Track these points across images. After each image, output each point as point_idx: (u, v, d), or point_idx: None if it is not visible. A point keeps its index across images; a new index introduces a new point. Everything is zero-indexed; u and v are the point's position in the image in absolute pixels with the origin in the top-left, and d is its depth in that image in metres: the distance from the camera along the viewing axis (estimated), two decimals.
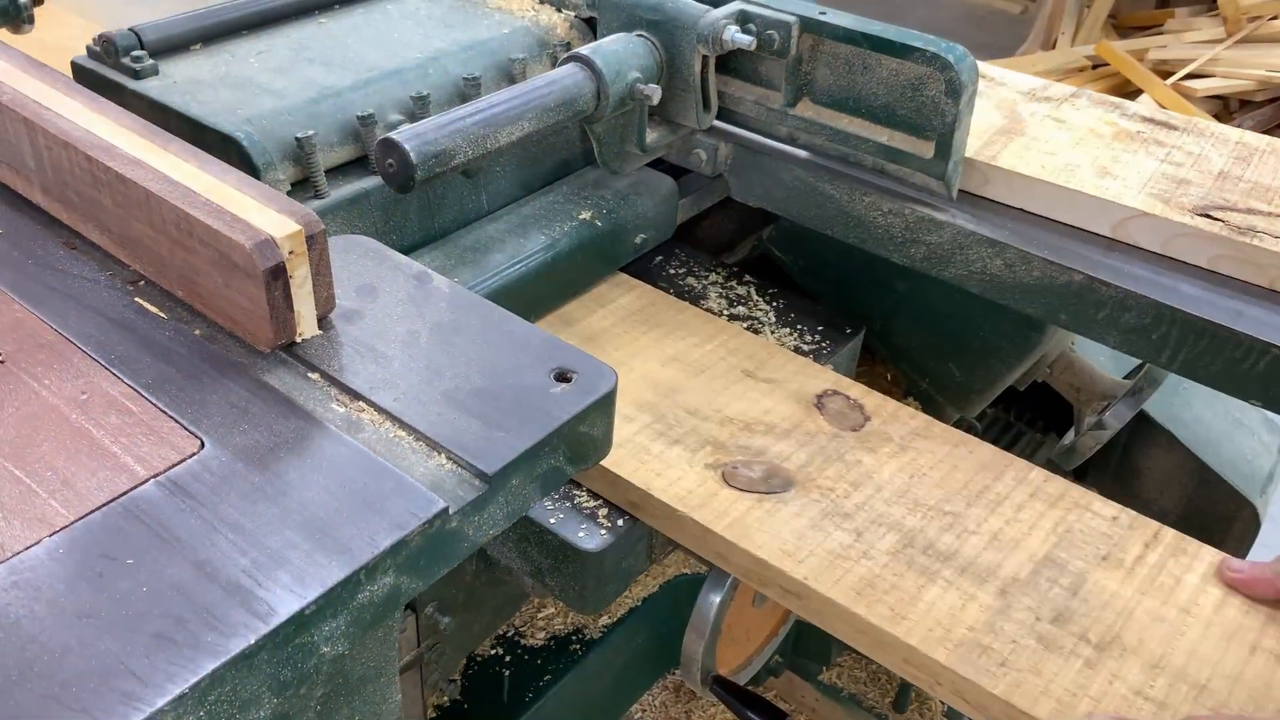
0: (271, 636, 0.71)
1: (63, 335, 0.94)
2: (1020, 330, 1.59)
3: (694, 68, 1.39)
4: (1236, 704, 1.04)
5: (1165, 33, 5.66)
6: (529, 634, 1.67)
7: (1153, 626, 1.11)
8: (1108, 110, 1.54)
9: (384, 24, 1.52)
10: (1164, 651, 1.08)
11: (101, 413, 0.87)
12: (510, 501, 0.88)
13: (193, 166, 0.97)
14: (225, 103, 1.28)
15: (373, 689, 0.89)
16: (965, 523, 1.20)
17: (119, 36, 1.34)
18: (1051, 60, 5.71)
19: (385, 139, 1.15)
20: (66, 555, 0.75)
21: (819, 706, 2.24)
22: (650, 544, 1.32)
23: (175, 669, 0.68)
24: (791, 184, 1.46)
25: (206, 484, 0.81)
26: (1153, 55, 5.38)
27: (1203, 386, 1.27)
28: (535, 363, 0.95)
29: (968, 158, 1.39)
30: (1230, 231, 1.27)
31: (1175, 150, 1.44)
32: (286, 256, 0.89)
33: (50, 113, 1.04)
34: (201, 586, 0.73)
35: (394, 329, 0.98)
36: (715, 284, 1.61)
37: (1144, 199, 1.33)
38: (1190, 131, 1.50)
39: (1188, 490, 1.92)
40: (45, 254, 1.05)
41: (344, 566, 0.75)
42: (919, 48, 1.29)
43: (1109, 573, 1.16)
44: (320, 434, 0.86)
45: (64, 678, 0.67)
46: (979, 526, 1.19)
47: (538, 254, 1.39)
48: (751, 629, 1.60)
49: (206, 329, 0.97)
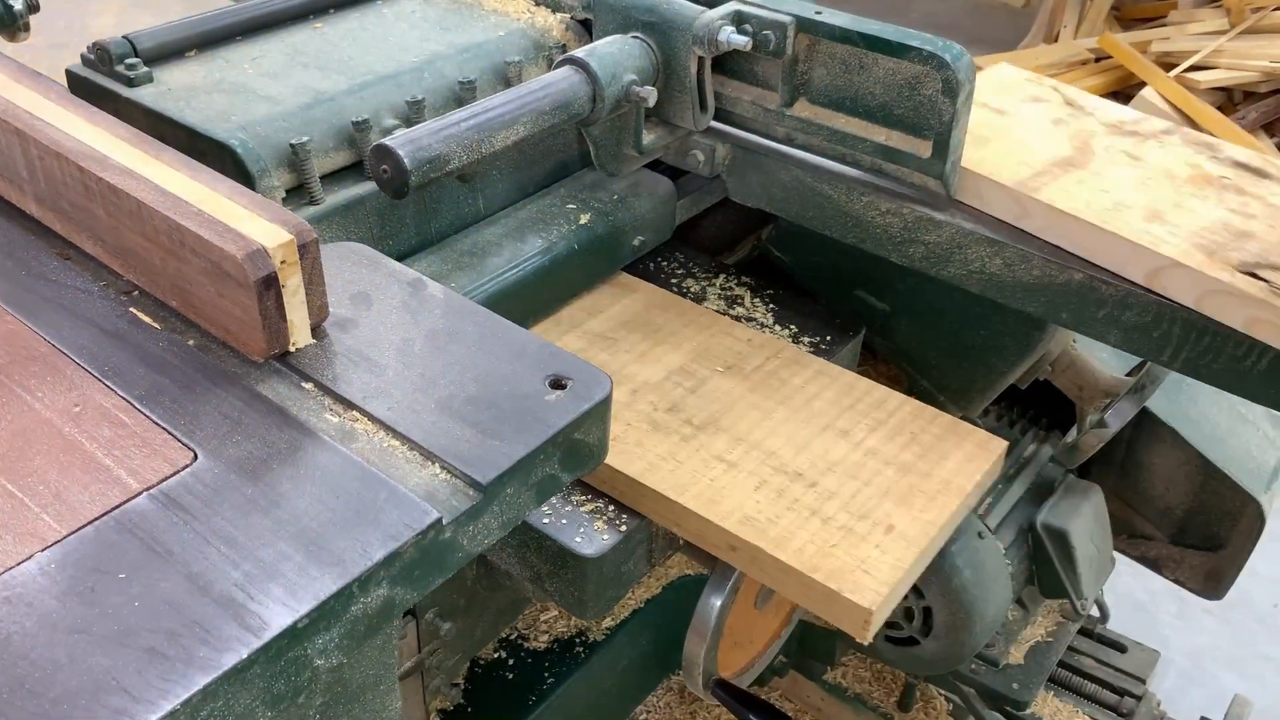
0: (264, 650, 0.71)
1: (56, 347, 0.94)
2: (1021, 328, 1.58)
3: (690, 69, 1.39)
4: (798, 464, 1.31)
5: (1168, 24, 5.63)
6: (532, 637, 1.67)
7: (749, 413, 1.37)
8: (1197, 151, 1.42)
9: (379, 28, 1.52)
10: (750, 429, 1.34)
11: (94, 425, 0.86)
12: (505, 510, 0.87)
13: (184, 176, 0.97)
14: (220, 109, 1.28)
15: (372, 696, 0.89)
16: (621, 346, 1.45)
17: (113, 44, 1.34)
18: (1054, 53, 5.69)
19: (379, 145, 1.14)
20: (58, 570, 0.75)
21: (824, 706, 2.23)
22: (650, 548, 1.31)
23: (167, 684, 0.68)
24: (789, 184, 1.46)
25: (199, 496, 0.81)
26: (1156, 47, 5.35)
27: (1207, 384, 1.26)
28: (530, 370, 0.95)
29: (1007, 186, 1.32)
30: (1272, 293, 1.16)
31: (1254, 200, 1.32)
32: (278, 266, 0.89)
33: (42, 123, 1.03)
34: (194, 600, 0.73)
35: (388, 337, 0.98)
36: (714, 285, 1.60)
37: (1186, 249, 1.22)
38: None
39: (1193, 487, 1.91)
40: (38, 264, 1.04)
41: (337, 579, 0.75)
42: (915, 47, 1.28)
43: (729, 378, 1.42)
44: (313, 444, 0.86)
45: (55, 695, 0.67)
46: (631, 348, 1.45)
47: (535, 257, 1.38)
48: (754, 632, 1.60)
49: (200, 339, 0.96)
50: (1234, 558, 1.93)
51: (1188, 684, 2.69)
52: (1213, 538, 1.94)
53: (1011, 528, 1.83)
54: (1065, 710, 2.11)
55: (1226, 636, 2.83)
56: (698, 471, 1.28)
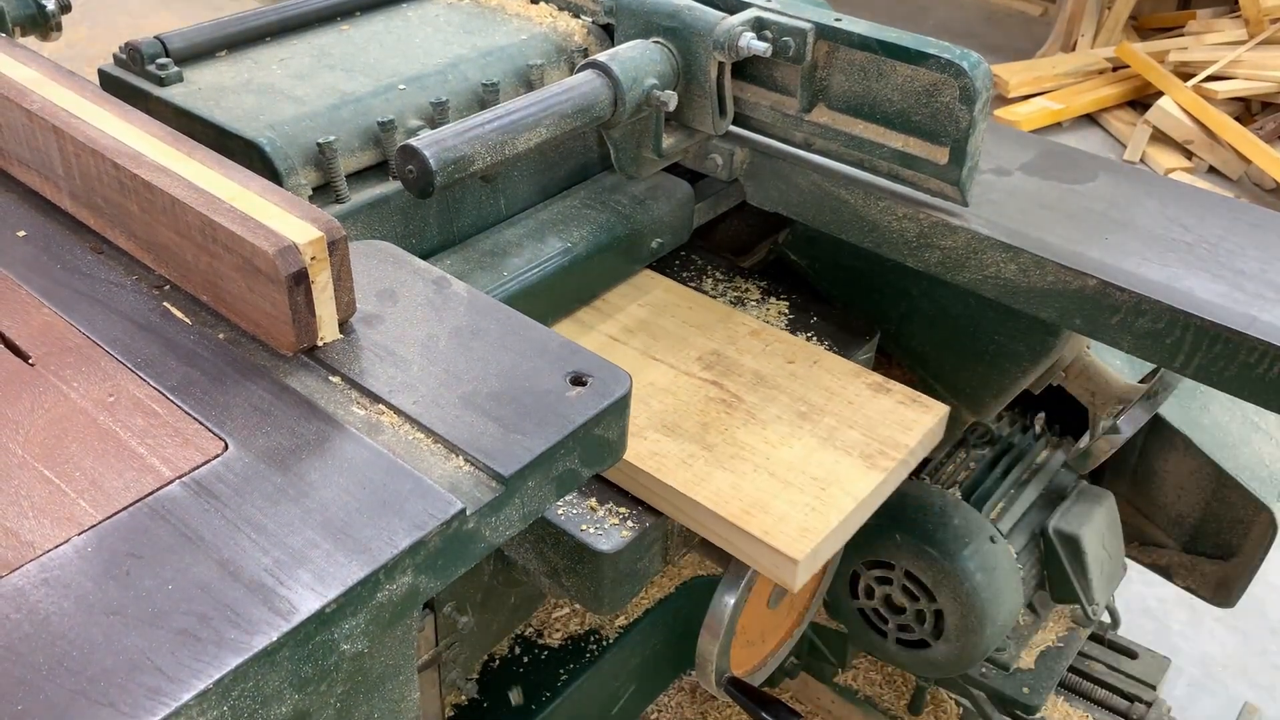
0: (293, 634, 0.73)
1: (90, 339, 0.96)
2: (1035, 334, 1.59)
3: (710, 74, 1.40)
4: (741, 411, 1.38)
5: (1186, 34, 5.63)
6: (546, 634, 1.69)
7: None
8: None
9: (404, 30, 1.54)
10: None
11: (128, 415, 0.89)
12: (527, 503, 0.89)
13: (217, 173, 0.99)
14: (248, 109, 1.30)
15: (391, 687, 0.91)
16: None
17: (145, 44, 1.36)
18: (1072, 62, 5.70)
19: (405, 145, 1.17)
20: (94, 554, 0.77)
21: (834, 708, 2.24)
22: (666, 545, 1.33)
23: (200, 665, 0.70)
24: (807, 189, 1.47)
25: (230, 485, 0.83)
26: (1174, 57, 5.35)
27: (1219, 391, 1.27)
28: (551, 366, 0.97)
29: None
30: None
31: None
32: (308, 262, 0.91)
33: (78, 120, 1.06)
34: (225, 584, 0.75)
35: (413, 333, 1.00)
36: (731, 287, 1.62)
37: None
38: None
39: (1205, 494, 1.92)
40: (73, 259, 1.07)
41: (364, 566, 0.77)
42: (933, 54, 1.30)
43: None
44: (341, 436, 0.88)
45: (92, 673, 0.69)
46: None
47: (555, 258, 1.40)
48: (767, 631, 1.61)
49: (230, 333, 0.99)
50: (1245, 566, 1.94)
51: (1198, 692, 2.69)
52: (1224, 546, 1.94)
53: (1023, 532, 1.84)
54: (1075, 715, 2.12)
55: (1237, 645, 2.83)
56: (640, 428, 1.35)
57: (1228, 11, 5.65)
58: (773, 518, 1.26)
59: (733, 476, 1.31)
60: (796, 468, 1.33)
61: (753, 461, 1.33)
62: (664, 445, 1.33)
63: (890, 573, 1.76)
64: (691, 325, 1.53)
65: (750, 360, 1.48)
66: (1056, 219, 1.39)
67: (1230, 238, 1.37)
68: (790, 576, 1.24)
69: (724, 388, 1.44)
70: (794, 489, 1.30)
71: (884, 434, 1.39)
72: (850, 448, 1.36)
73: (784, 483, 1.31)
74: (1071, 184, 1.47)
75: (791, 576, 1.24)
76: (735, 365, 1.47)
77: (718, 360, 1.48)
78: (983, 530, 1.72)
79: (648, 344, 1.49)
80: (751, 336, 1.53)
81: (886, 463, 1.35)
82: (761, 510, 1.27)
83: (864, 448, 1.37)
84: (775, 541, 1.23)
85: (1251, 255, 1.34)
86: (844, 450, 1.36)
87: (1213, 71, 5.16)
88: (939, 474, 1.88)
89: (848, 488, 1.31)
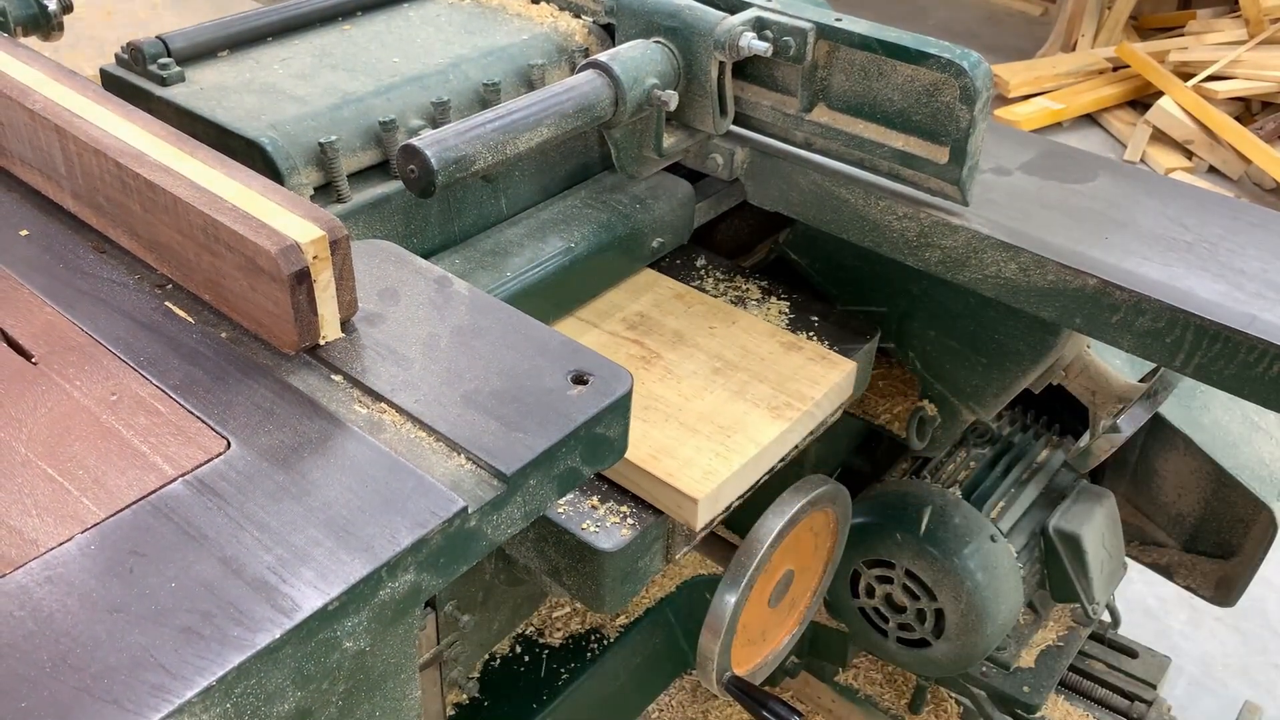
0: (296, 631, 0.73)
1: (93, 338, 0.97)
2: (1035, 333, 1.59)
3: (711, 74, 1.41)
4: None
5: (1186, 34, 5.63)
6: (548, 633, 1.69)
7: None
8: None
9: (406, 30, 1.54)
10: None
11: (131, 413, 0.89)
12: (528, 501, 0.89)
13: (219, 172, 1.00)
14: (250, 109, 1.31)
15: (393, 685, 0.91)
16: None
17: (147, 44, 1.37)
18: (1072, 62, 5.70)
19: (407, 145, 1.17)
20: (98, 551, 0.77)
21: (835, 707, 2.25)
22: (667, 544, 1.33)
23: (203, 662, 0.70)
24: (807, 188, 1.48)
25: (232, 483, 0.83)
26: (1174, 57, 5.35)
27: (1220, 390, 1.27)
28: (553, 365, 0.97)
29: None
30: None
31: None
32: (310, 261, 0.91)
33: (81, 120, 1.06)
34: (228, 582, 0.75)
35: (415, 332, 1.00)
36: (731, 286, 1.62)
37: None
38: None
39: (1205, 494, 1.92)
40: (76, 258, 1.07)
41: (366, 564, 0.77)
42: (933, 54, 1.30)
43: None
44: (343, 434, 0.88)
45: (95, 670, 0.69)
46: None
47: (556, 257, 1.41)
48: (768, 629, 1.62)
49: (232, 332, 0.99)
50: (1246, 565, 1.94)
51: (1199, 691, 2.69)
52: (1224, 545, 1.95)
53: (1024, 532, 1.84)
54: (1075, 714, 2.12)
55: (1238, 645, 2.83)
56: None
57: (1228, 11, 5.66)
58: (678, 462, 1.32)
59: (644, 426, 1.37)
60: (706, 418, 1.39)
61: (664, 412, 1.40)
62: None
63: (891, 572, 1.77)
64: (622, 290, 1.59)
65: (672, 320, 1.54)
66: (1057, 218, 1.39)
67: (1230, 237, 1.37)
68: (692, 516, 1.30)
69: (645, 345, 1.50)
70: (701, 436, 1.36)
71: (792, 388, 1.45)
72: (759, 400, 1.43)
73: (692, 431, 1.37)
74: (1072, 183, 1.47)
75: (693, 516, 1.29)
76: (658, 325, 1.53)
77: (641, 320, 1.54)
78: (983, 529, 1.72)
79: (577, 309, 1.56)
80: (675, 299, 1.58)
81: (792, 414, 1.41)
82: (668, 455, 1.33)
83: (771, 400, 1.43)
84: (678, 483, 1.29)
85: (1251, 255, 1.34)
86: (753, 403, 1.42)
87: (1213, 71, 5.16)
88: (939, 473, 1.89)
89: (753, 435, 1.37)
